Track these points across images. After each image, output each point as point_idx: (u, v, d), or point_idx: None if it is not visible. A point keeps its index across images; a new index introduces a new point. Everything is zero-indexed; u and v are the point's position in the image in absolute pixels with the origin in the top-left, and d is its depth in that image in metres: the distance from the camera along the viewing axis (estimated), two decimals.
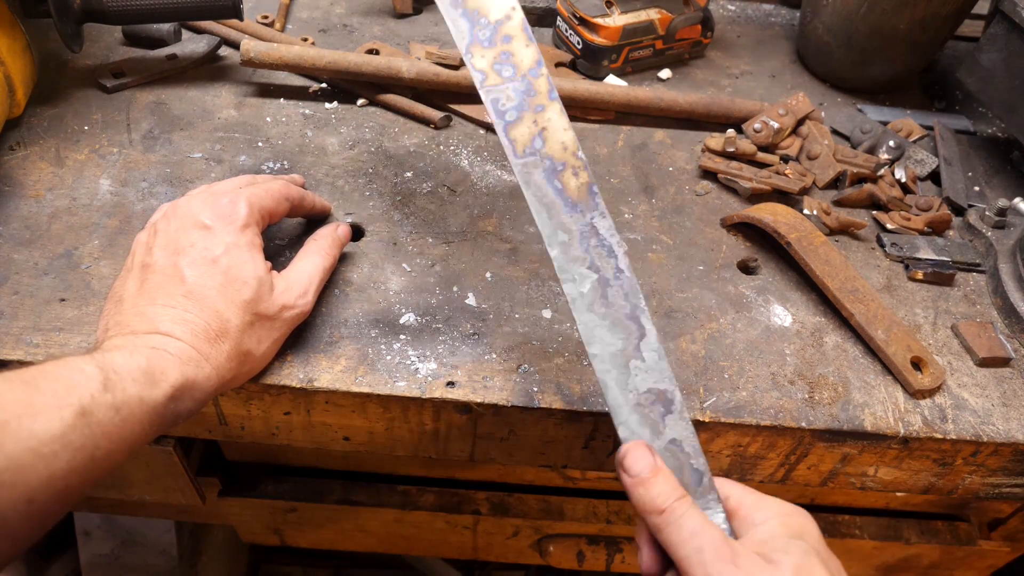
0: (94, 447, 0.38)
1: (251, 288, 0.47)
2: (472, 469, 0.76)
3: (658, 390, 0.45)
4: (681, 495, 0.41)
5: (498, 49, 0.49)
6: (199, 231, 0.48)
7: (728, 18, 0.99)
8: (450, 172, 0.70)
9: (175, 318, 0.45)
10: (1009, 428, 0.56)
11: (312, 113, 0.74)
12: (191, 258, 0.47)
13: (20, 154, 0.66)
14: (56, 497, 0.36)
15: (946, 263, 0.68)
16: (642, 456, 0.43)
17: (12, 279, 0.56)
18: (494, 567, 1.30)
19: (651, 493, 0.41)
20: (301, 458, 0.76)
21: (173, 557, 0.92)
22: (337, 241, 0.57)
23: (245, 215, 0.50)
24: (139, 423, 0.40)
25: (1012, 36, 0.73)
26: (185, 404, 0.43)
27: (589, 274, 0.47)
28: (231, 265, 0.47)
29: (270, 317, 0.49)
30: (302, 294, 0.51)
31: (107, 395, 0.39)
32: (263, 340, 0.48)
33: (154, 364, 0.42)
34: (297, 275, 0.52)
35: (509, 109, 0.49)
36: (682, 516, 0.40)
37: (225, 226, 0.49)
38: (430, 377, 0.54)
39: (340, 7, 0.89)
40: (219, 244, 0.48)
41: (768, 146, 0.75)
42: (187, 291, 0.46)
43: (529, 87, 0.49)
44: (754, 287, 0.64)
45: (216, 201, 0.50)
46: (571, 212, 0.48)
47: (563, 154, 0.48)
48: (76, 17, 0.68)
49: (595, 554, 0.78)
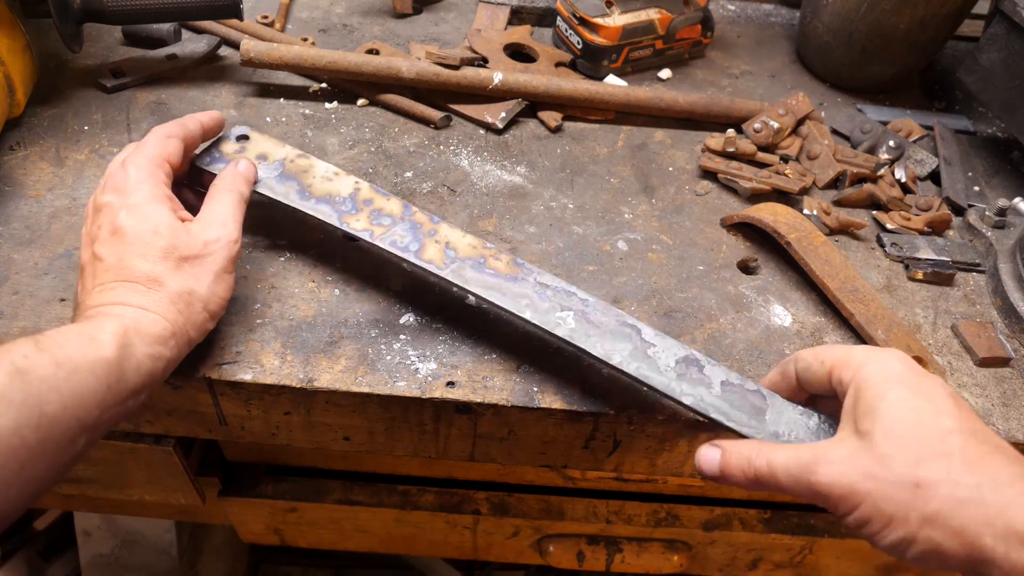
0: (41, 401, 0.38)
1: (163, 235, 0.48)
2: (472, 469, 0.76)
3: (681, 356, 0.50)
4: (758, 451, 0.43)
5: (365, 211, 0.56)
6: (101, 212, 0.50)
7: (728, 18, 0.99)
8: (450, 172, 0.70)
9: (104, 292, 0.46)
10: (1009, 428, 0.56)
11: (312, 113, 0.74)
12: (101, 239, 0.49)
13: (20, 154, 0.66)
14: (11, 453, 0.37)
15: (946, 263, 0.68)
16: (705, 458, 0.46)
17: (12, 279, 0.56)
18: (494, 567, 1.30)
19: (736, 470, 0.44)
20: (301, 458, 0.76)
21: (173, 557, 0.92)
22: (239, 176, 0.56)
23: (134, 174, 0.51)
24: (90, 374, 0.41)
25: (1012, 36, 0.73)
26: (141, 349, 0.44)
27: (565, 313, 0.52)
28: (135, 224, 0.48)
29: (197, 255, 0.49)
30: (221, 224, 0.52)
31: (43, 354, 0.40)
32: (200, 276, 0.49)
33: (89, 324, 0.44)
34: (210, 213, 0.53)
35: (409, 243, 0.55)
36: (768, 467, 0.42)
37: (119, 195, 0.50)
38: (430, 377, 0.54)
39: (340, 7, 0.89)
40: (118, 211, 0.49)
41: (768, 146, 0.75)
42: (107, 267, 0.47)
43: (412, 223, 0.56)
44: (754, 287, 0.64)
45: (107, 180, 0.52)
46: (515, 283, 0.53)
47: (476, 251, 0.55)
48: (76, 17, 0.68)
49: (595, 554, 0.78)
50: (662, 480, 0.75)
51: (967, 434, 0.39)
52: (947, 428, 0.39)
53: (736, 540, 0.77)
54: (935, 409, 0.40)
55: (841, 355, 0.44)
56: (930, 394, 0.41)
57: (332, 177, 0.58)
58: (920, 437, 0.39)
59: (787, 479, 0.41)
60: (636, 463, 0.59)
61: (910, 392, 0.41)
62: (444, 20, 0.90)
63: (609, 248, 0.65)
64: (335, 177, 0.58)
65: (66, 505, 0.81)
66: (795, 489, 0.41)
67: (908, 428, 0.39)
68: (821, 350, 0.46)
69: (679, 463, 0.59)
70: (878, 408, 0.40)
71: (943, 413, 0.40)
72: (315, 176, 0.58)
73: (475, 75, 0.75)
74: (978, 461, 0.38)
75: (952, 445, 0.38)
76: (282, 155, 0.60)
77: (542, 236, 0.65)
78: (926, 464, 0.38)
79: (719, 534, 0.76)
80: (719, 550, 0.79)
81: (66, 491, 0.72)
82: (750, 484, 0.44)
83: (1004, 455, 0.38)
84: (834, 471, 0.40)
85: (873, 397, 0.41)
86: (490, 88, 0.75)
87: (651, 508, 0.77)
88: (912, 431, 0.39)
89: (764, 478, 0.42)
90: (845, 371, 0.43)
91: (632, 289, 0.62)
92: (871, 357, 0.43)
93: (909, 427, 0.39)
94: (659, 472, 0.60)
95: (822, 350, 0.46)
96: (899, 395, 0.40)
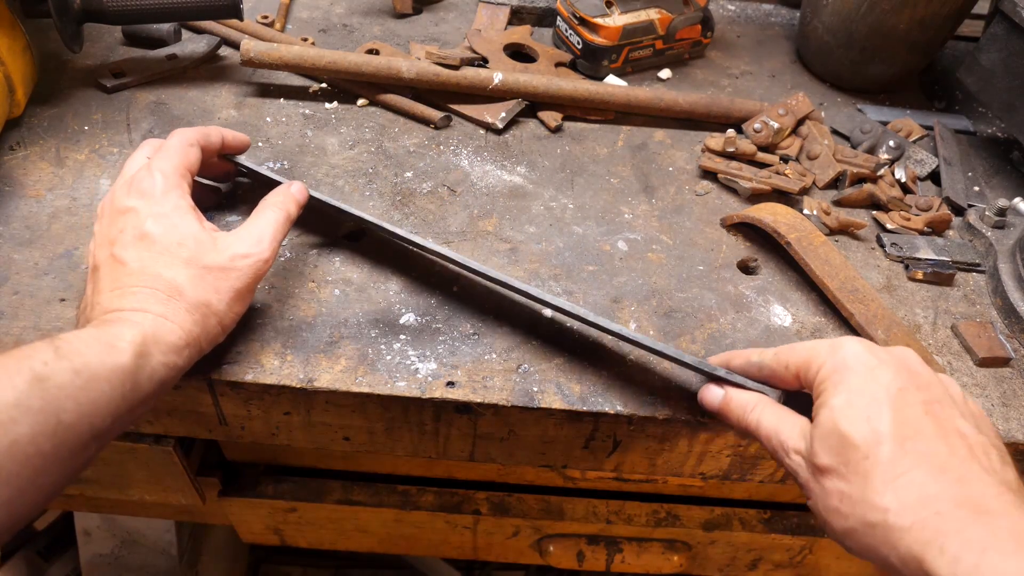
0: (58, 410, 0.38)
1: (188, 246, 0.48)
2: (472, 469, 0.76)
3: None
4: (754, 405, 0.47)
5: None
6: (125, 216, 0.49)
7: (728, 18, 0.99)
8: (450, 172, 0.70)
9: (124, 297, 0.46)
10: (1009, 428, 0.56)
11: (312, 113, 0.74)
12: (123, 242, 0.48)
13: (20, 154, 0.66)
14: (27, 461, 0.37)
15: (946, 263, 0.68)
16: (712, 393, 0.50)
17: (12, 279, 0.56)
18: (494, 567, 1.30)
19: (733, 416, 0.48)
20: (301, 458, 0.76)
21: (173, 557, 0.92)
22: (291, 197, 0.56)
23: (162, 183, 0.50)
24: (107, 383, 0.41)
25: (1012, 36, 0.73)
26: (156, 358, 0.44)
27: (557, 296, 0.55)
28: (163, 232, 0.48)
29: (222, 268, 0.49)
30: (256, 242, 0.51)
31: (62, 361, 0.39)
32: (220, 290, 0.49)
33: (108, 331, 0.43)
34: (248, 228, 0.52)
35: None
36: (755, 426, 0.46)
37: (146, 201, 0.50)
38: (430, 377, 0.54)
39: (340, 7, 0.89)
40: (145, 218, 0.49)
41: (768, 146, 0.75)
42: (129, 271, 0.47)
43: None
44: (754, 287, 0.64)
45: (132, 183, 0.51)
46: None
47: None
48: (76, 17, 0.68)
49: (595, 554, 0.78)
50: (662, 480, 0.75)
51: (896, 443, 0.38)
52: (877, 436, 0.39)
53: (736, 540, 0.77)
54: (867, 416, 0.40)
55: (804, 358, 0.45)
56: (870, 395, 0.40)
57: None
58: (847, 450, 0.39)
59: (767, 445, 0.45)
60: (636, 463, 0.59)
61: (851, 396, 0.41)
62: (444, 20, 0.90)
63: (609, 248, 0.65)
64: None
65: (66, 505, 0.81)
66: (771, 455, 0.45)
67: (838, 441, 0.40)
68: (783, 353, 0.47)
69: (679, 463, 0.59)
70: (820, 414, 0.42)
71: (875, 419, 0.39)
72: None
73: (475, 75, 0.75)
74: (895, 480, 0.38)
75: (873, 460, 0.38)
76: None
77: (542, 236, 0.65)
78: (848, 478, 0.39)
79: (719, 534, 0.76)
80: (719, 550, 0.79)
81: (66, 491, 0.72)
82: (739, 431, 0.48)
83: (925, 467, 0.38)
84: (797, 462, 0.43)
85: (821, 403, 0.42)
86: (490, 88, 0.75)
87: (651, 508, 0.77)
88: (841, 444, 0.40)
89: (751, 433, 0.47)
90: (809, 372, 0.44)
91: (632, 289, 0.62)
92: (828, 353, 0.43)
93: (839, 440, 0.40)
94: (659, 472, 0.60)
95: (783, 353, 0.47)
96: (838, 402, 0.41)
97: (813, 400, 0.43)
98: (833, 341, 0.44)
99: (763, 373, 0.48)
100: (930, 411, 0.40)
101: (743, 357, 0.50)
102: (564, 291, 0.61)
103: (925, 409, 0.40)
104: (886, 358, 0.42)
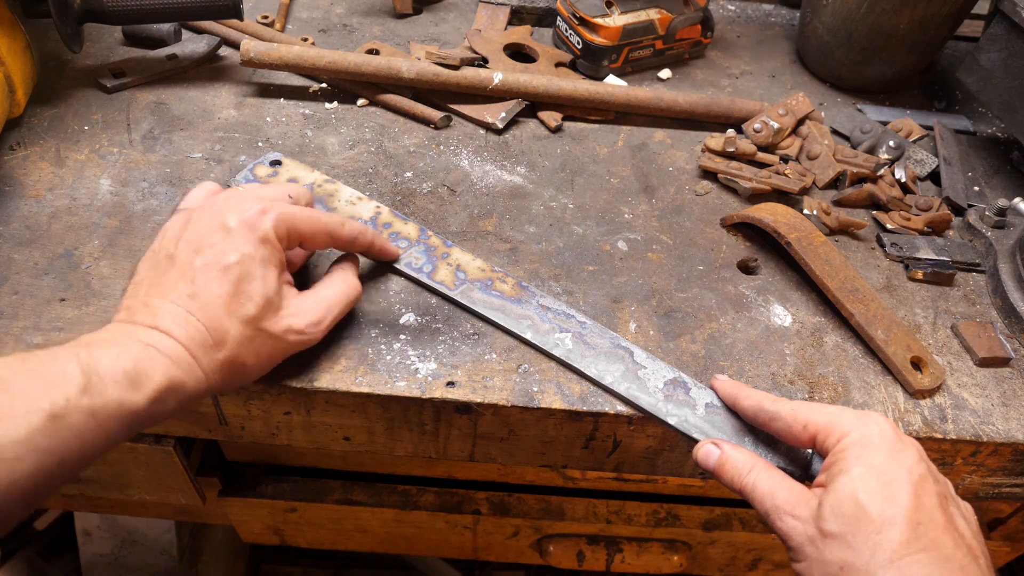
0: (64, 450, 0.37)
1: (255, 304, 0.46)
2: (472, 469, 0.76)
3: (670, 379, 0.54)
4: (750, 468, 0.46)
5: (385, 234, 0.61)
6: (220, 233, 0.47)
7: (728, 18, 0.99)
8: (450, 172, 0.70)
9: (177, 317, 0.44)
10: (1009, 428, 0.56)
11: (312, 113, 0.74)
12: (206, 260, 0.46)
13: (20, 154, 0.66)
14: (21, 498, 0.36)
15: (946, 263, 0.68)
16: (707, 453, 0.49)
17: (12, 279, 0.56)
18: (494, 567, 1.30)
19: (726, 477, 0.47)
20: (301, 458, 0.76)
21: (173, 557, 0.92)
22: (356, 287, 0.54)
23: (268, 228, 0.48)
24: (117, 425, 0.40)
25: (1012, 36, 0.73)
26: (168, 405, 0.43)
27: (564, 335, 0.56)
28: (241, 276, 0.46)
29: (272, 335, 0.47)
30: (316, 322, 0.49)
31: (84, 399, 0.38)
32: (260, 355, 0.47)
33: (141, 365, 0.41)
34: (315, 301, 0.50)
35: (423, 264, 0.59)
36: (751, 489, 0.46)
37: (245, 233, 0.47)
38: (430, 377, 0.54)
39: (340, 7, 0.89)
40: (234, 251, 0.46)
41: (768, 146, 0.75)
42: (193, 292, 0.45)
43: (427, 247, 0.61)
44: (754, 287, 0.64)
45: (247, 205, 0.48)
46: (519, 304, 0.58)
47: (484, 274, 0.59)
48: (76, 17, 0.68)
49: (595, 554, 0.78)
50: (662, 480, 0.75)
51: (909, 526, 0.39)
52: (890, 518, 0.40)
53: (736, 540, 0.77)
54: (888, 495, 0.40)
55: (826, 423, 0.45)
56: (892, 474, 0.41)
57: (356, 201, 0.63)
58: (860, 522, 0.40)
59: (760, 507, 0.45)
60: (636, 463, 0.59)
61: (874, 471, 0.42)
62: (444, 20, 0.90)
63: (609, 248, 0.65)
64: (358, 201, 0.63)
65: (66, 505, 0.81)
66: (761, 517, 0.45)
67: (853, 510, 0.40)
68: (801, 411, 0.47)
69: (679, 463, 0.59)
70: (837, 481, 0.42)
71: (895, 498, 0.40)
72: (340, 200, 0.63)
73: (475, 75, 0.75)
74: (902, 559, 0.39)
75: (885, 536, 0.39)
76: (311, 179, 0.64)
77: (542, 236, 0.65)
78: (855, 548, 0.40)
79: (719, 534, 0.76)
80: (719, 550, 0.79)
81: (66, 491, 0.72)
82: (734, 491, 0.47)
83: (933, 553, 0.39)
84: (792, 525, 0.43)
85: (839, 470, 0.43)
86: (490, 88, 0.75)
87: (651, 508, 0.77)
88: (855, 515, 0.40)
89: (746, 494, 0.46)
90: (830, 439, 0.45)
91: (632, 289, 0.62)
92: (856, 424, 0.44)
93: (854, 509, 0.40)
94: (659, 472, 0.60)
95: (802, 411, 0.47)
96: (859, 473, 0.42)
97: (825, 464, 0.44)
98: (860, 413, 0.45)
99: (774, 425, 0.48)
100: (942, 504, 0.42)
101: (755, 400, 0.49)
102: (564, 291, 0.61)
103: (939, 501, 0.41)
104: (909, 443, 0.44)
